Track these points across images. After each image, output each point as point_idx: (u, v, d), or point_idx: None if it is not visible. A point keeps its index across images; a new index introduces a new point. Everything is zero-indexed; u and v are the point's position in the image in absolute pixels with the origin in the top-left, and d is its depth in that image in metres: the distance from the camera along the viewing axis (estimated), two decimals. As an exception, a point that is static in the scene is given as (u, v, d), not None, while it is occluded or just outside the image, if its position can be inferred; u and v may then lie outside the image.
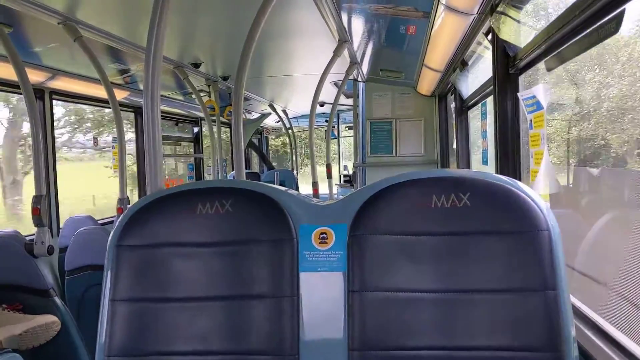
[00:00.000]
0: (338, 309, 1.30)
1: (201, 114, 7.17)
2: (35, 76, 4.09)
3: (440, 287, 1.24)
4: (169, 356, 1.32)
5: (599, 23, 1.52)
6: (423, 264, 1.26)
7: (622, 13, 1.40)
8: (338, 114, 10.36)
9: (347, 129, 11.20)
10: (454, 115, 4.63)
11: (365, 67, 5.16)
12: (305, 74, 5.74)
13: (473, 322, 1.21)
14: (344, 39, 3.75)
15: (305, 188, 9.74)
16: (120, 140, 3.87)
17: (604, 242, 1.85)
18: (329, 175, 5.42)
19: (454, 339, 1.21)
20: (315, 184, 4.93)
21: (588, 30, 1.60)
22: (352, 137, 6.64)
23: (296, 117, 10.49)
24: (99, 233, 3.28)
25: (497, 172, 2.35)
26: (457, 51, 3.41)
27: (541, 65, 2.10)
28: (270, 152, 12.57)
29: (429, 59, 3.91)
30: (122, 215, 1.42)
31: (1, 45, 2.88)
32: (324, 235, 1.34)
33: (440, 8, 2.66)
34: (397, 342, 1.24)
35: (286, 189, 1.45)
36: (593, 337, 1.53)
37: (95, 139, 7.03)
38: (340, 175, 10.30)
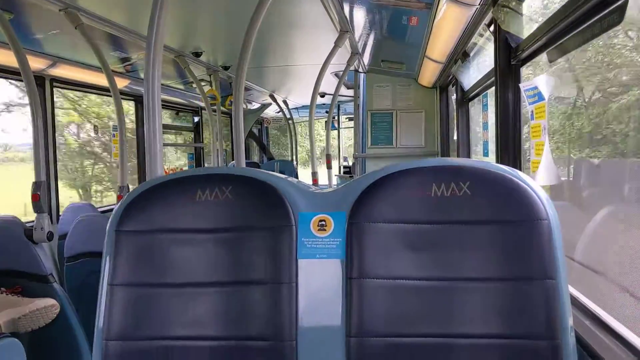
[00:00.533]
0: (336, 296, 1.30)
1: (202, 104, 7.16)
2: (36, 63, 4.08)
3: (439, 275, 1.25)
4: (167, 341, 1.33)
5: (602, 14, 1.52)
6: (422, 252, 1.26)
7: (625, 4, 1.40)
8: (338, 105, 10.34)
9: (347, 120, 11.19)
10: (455, 107, 4.63)
11: (366, 58, 5.15)
12: (306, 65, 5.72)
13: (471, 310, 1.22)
14: (345, 30, 3.74)
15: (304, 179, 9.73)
16: (120, 128, 3.86)
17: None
18: (329, 166, 5.42)
19: (452, 327, 1.22)
20: (314, 174, 4.94)
21: (591, 21, 1.60)
22: (353, 128, 6.63)
23: (296, 107, 10.48)
24: (99, 220, 3.28)
25: (497, 163, 2.36)
26: (459, 42, 3.41)
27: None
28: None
29: (430, 50, 3.90)
30: (121, 201, 1.42)
31: (2, 31, 2.87)
32: (323, 222, 1.34)
33: (443, -1, 2.66)
34: (395, 329, 1.25)
35: (286, 176, 1.45)
36: (590, 326, 1.54)
37: (95, 127, 7.01)
38: (340, 167, 10.30)
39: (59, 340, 2.77)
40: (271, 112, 10.65)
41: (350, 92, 6.87)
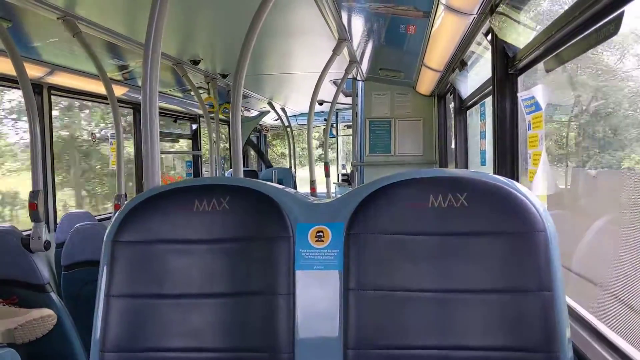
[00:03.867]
0: (334, 307, 1.29)
1: (200, 111, 7.16)
2: (33, 71, 4.08)
3: (437, 286, 1.24)
4: (164, 352, 1.32)
5: (598, 24, 1.52)
6: (419, 263, 1.26)
7: (622, 15, 1.40)
8: (337, 113, 10.35)
9: (345, 127, 11.19)
10: (453, 115, 4.64)
11: (364, 66, 5.16)
12: (305, 72, 5.73)
13: (468, 322, 1.21)
14: (343, 38, 3.75)
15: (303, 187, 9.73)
16: (117, 136, 3.86)
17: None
18: (327, 174, 5.42)
19: (449, 339, 1.22)
20: (313, 183, 4.93)
21: (587, 32, 1.60)
22: (351, 136, 6.63)
23: (295, 115, 10.48)
24: (96, 229, 3.27)
25: (494, 173, 2.36)
26: (457, 51, 3.41)
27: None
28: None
29: (428, 58, 3.91)
30: (118, 211, 1.42)
31: (0, 39, 2.87)
32: (321, 233, 1.34)
33: (440, 8, 2.66)
34: (393, 341, 1.24)
35: (283, 187, 1.45)
36: (588, 338, 1.54)
37: (93, 134, 7.00)
38: (338, 174, 10.29)
39: (56, 351, 2.75)
40: (269, 119, 10.66)
41: (349, 100, 6.87)
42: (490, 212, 1.24)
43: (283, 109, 9.39)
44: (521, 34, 2.26)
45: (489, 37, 2.56)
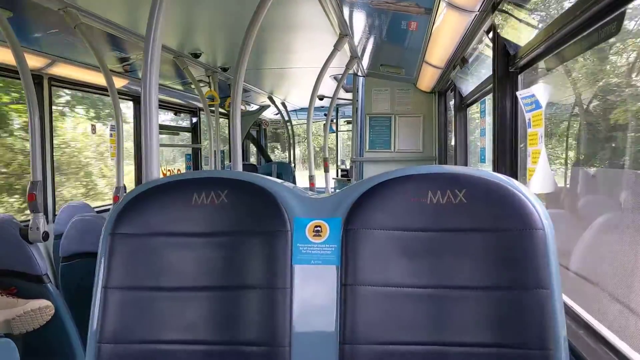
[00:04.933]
0: (330, 302, 1.30)
1: (200, 105, 7.16)
2: (34, 62, 4.08)
3: (433, 283, 1.24)
4: (161, 344, 1.32)
5: (599, 24, 1.52)
6: (417, 259, 1.26)
7: (623, 14, 1.41)
8: (337, 108, 10.34)
9: (345, 123, 11.18)
10: (453, 113, 4.64)
11: (365, 62, 5.15)
12: (305, 67, 5.72)
13: (465, 319, 1.22)
14: (344, 33, 3.74)
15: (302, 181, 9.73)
16: (118, 128, 3.86)
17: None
18: (326, 169, 5.43)
19: (445, 335, 1.22)
20: (312, 178, 4.94)
21: (588, 31, 1.60)
22: (351, 132, 6.62)
23: (295, 110, 10.47)
24: (95, 221, 3.27)
25: (494, 170, 2.36)
26: (458, 48, 3.41)
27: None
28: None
29: (429, 55, 3.91)
30: (117, 204, 1.42)
31: (0, 29, 2.86)
32: (318, 228, 1.34)
33: (442, 5, 2.66)
34: (388, 336, 1.24)
35: (282, 181, 1.45)
36: (584, 336, 1.54)
37: (93, 126, 6.99)
38: (337, 170, 10.29)
39: (53, 342, 2.76)
40: (269, 114, 10.64)
41: (349, 96, 6.87)
42: (489, 210, 1.24)
43: (283, 104, 9.38)
44: (522, 32, 2.25)
45: (491, 34, 2.56)
